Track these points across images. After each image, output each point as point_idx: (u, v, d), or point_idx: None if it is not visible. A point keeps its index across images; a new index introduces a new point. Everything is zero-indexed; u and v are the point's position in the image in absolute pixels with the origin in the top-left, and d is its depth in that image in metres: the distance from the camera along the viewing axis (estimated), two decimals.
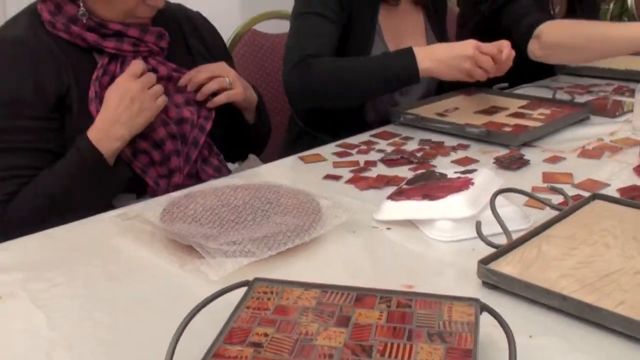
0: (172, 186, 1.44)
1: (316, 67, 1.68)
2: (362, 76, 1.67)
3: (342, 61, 1.70)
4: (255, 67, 2.18)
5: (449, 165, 1.43)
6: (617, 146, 1.50)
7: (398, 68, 1.65)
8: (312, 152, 1.53)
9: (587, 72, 2.12)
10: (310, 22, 1.76)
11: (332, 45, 1.76)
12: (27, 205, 1.32)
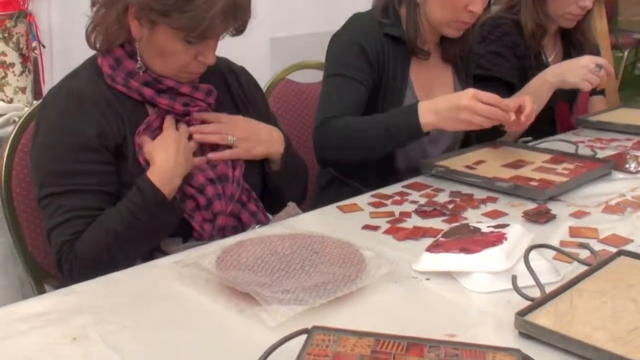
0: (217, 229, 1.54)
1: (333, 129, 1.80)
2: (371, 136, 1.78)
3: (355, 121, 1.81)
4: (289, 114, 2.29)
5: (480, 217, 1.51)
6: (639, 202, 1.58)
7: (402, 124, 1.74)
8: (349, 202, 1.62)
9: (607, 127, 2.22)
10: (337, 84, 1.87)
11: (357, 106, 1.86)
12: (93, 243, 1.41)
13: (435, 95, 1.96)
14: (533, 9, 2.23)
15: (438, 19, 1.86)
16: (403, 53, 1.91)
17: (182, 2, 1.41)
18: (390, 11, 1.91)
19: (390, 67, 1.89)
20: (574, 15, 2.23)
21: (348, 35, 1.92)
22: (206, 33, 1.45)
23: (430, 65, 1.99)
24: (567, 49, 2.40)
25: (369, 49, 1.86)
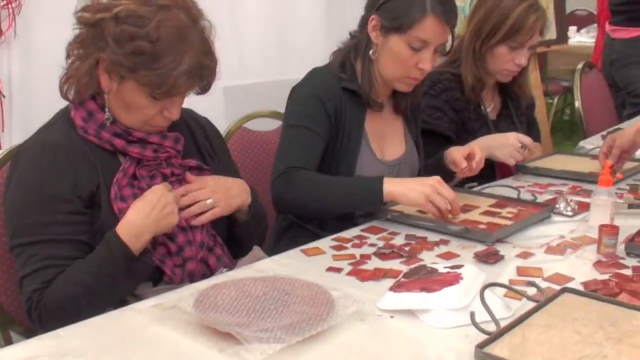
0: (186, 274, 1.61)
1: (296, 181, 1.90)
2: (334, 195, 1.89)
3: (320, 178, 1.92)
4: (246, 162, 2.38)
5: (435, 258, 1.63)
6: (577, 243, 1.73)
7: (365, 189, 1.86)
8: (312, 246, 1.72)
9: (544, 173, 2.38)
10: (297, 134, 1.98)
11: (316, 156, 1.97)
12: (61, 293, 1.47)
13: (387, 146, 2.11)
14: (473, 64, 2.39)
15: (390, 75, 2.00)
16: (359, 105, 2.03)
17: (150, 60, 1.50)
18: (347, 66, 2.04)
19: (347, 119, 2.01)
20: (510, 71, 2.41)
21: (308, 88, 2.03)
22: (171, 91, 1.54)
23: (383, 117, 2.12)
24: (504, 100, 2.57)
25: (328, 101, 1.98)
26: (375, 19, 1.96)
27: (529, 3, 2.34)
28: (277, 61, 3.11)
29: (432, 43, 1.93)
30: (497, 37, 2.34)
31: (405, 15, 1.90)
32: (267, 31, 3.07)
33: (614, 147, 2.24)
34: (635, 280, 1.50)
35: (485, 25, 2.35)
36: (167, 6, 1.54)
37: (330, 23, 3.21)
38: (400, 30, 1.92)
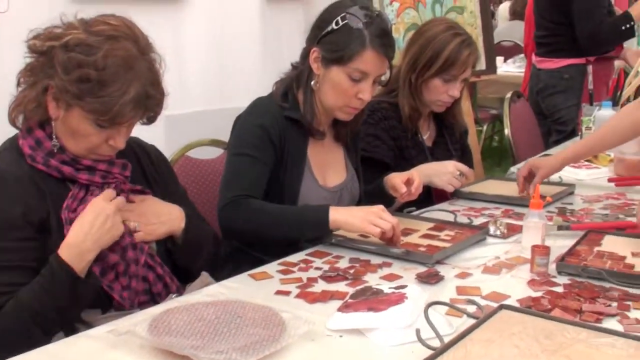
0: (134, 294, 1.63)
1: (243, 210, 1.95)
2: (282, 224, 1.95)
3: (267, 207, 1.98)
4: (190, 189, 2.41)
5: (379, 280, 1.70)
6: (512, 263, 1.83)
7: (313, 218, 1.93)
8: (259, 270, 1.77)
9: (478, 197, 2.48)
10: (243, 163, 2.03)
11: (261, 184, 2.03)
12: (10, 318, 1.48)
13: (329, 174, 2.19)
14: (409, 95, 2.49)
15: (331, 104, 2.07)
16: (301, 134, 2.10)
17: (96, 88, 1.54)
18: (290, 96, 2.11)
19: (290, 147, 2.07)
20: (444, 102, 2.52)
21: (252, 117, 2.09)
22: (116, 119, 1.57)
23: (325, 145, 2.19)
24: (440, 128, 2.68)
25: (272, 130, 2.04)
26: (317, 51, 2.03)
27: (462, 38, 2.45)
28: (217, 90, 3.15)
29: (371, 74, 2.02)
30: (431, 70, 2.44)
31: (346, 48, 1.98)
32: (207, 61, 3.12)
33: (537, 176, 2.38)
34: (566, 296, 1.59)
35: (421, 58, 2.45)
36: (116, 37, 1.58)
37: (267, 54, 3.28)
38: (341, 62, 2.00)
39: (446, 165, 2.41)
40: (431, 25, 2.52)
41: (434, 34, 2.45)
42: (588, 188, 2.62)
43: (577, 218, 2.25)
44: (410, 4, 3.53)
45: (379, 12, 2.09)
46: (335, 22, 1.99)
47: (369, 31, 1.98)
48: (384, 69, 2.05)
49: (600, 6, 3.64)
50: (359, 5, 2.03)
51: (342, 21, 1.99)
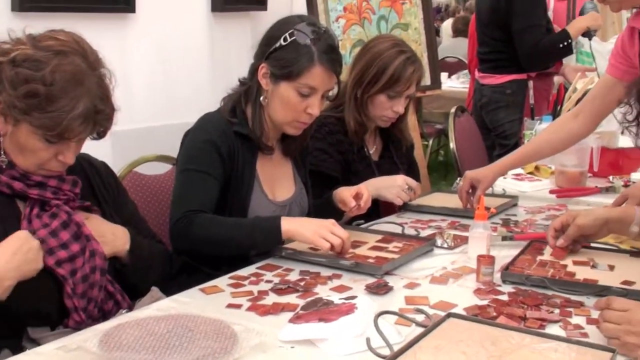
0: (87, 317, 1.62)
1: (195, 225, 1.96)
2: (234, 237, 1.96)
3: (219, 220, 1.99)
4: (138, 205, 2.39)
5: (329, 292, 1.72)
6: (458, 273, 1.87)
7: (266, 230, 1.95)
8: (210, 285, 1.77)
9: (425, 210, 2.53)
10: (193, 178, 2.04)
11: (212, 199, 2.04)
12: None
13: (278, 188, 2.21)
14: (355, 110, 2.53)
15: (280, 119, 2.09)
16: (250, 149, 2.12)
17: (44, 103, 1.53)
18: (238, 111, 2.12)
19: (239, 162, 2.09)
20: (389, 118, 2.57)
21: (201, 132, 2.09)
22: (65, 134, 1.56)
23: (274, 160, 2.21)
24: (386, 143, 2.73)
25: (222, 145, 2.05)
26: (265, 67, 2.05)
27: (407, 56, 2.50)
28: (165, 106, 3.14)
29: (319, 89, 2.05)
30: (377, 86, 2.48)
31: (295, 64, 2.01)
32: (154, 76, 3.11)
33: (479, 189, 2.44)
34: (511, 304, 1.64)
35: (366, 74, 2.50)
36: (64, 52, 1.57)
37: (215, 69, 3.28)
38: (290, 78, 2.03)
39: (395, 179, 2.45)
40: (377, 42, 2.57)
41: (379, 51, 2.50)
42: (531, 200, 2.69)
43: (520, 229, 2.31)
44: (356, 20, 3.59)
45: (326, 28, 2.13)
46: (283, 39, 2.02)
47: (317, 47, 2.01)
48: (332, 84, 2.09)
49: (538, 24, 3.75)
50: (307, 22, 2.06)
51: (290, 37, 2.02)
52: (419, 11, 3.86)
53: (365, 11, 3.62)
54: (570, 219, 1.90)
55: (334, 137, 2.53)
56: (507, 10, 3.75)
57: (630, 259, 1.94)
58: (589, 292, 1.69)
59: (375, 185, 2.40)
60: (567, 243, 1.91)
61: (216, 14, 3.24)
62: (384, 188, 2.42)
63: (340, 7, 3.52)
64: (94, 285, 1.63)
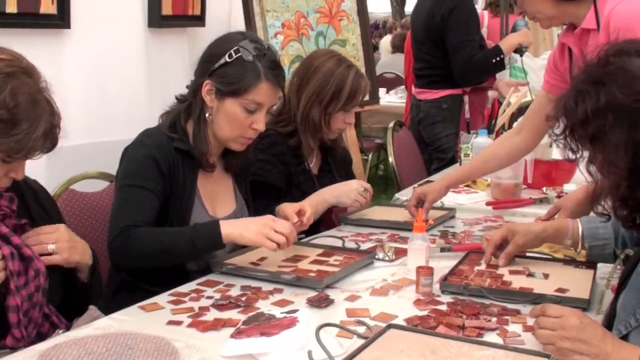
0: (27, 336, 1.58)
1: (134, 238, 1.93)
2: (175, 245, 1.95)
3: (158, 231, 1.97)
4: (75, 223, 2.35)
5: (270, 306, 1.72)
6: (398, 285, 1.89)
7: (206, 237, 1.94)
8: (149, 302, 1.75)
9: (365, 223, 2.55)
10: (132, 194, 2.02)
11: (152, 214, 2.02)
12: None
13: (219, 204, 2.20)
14: (314, 130, 2.58)
15: (226, 135, 2.09)
16: (190, 165, 2.10)
17: (8, 128, 1.52)
18: (178, 128, 2.11)
19: (180, 178, 2.07)
20: (342, 130, 2.65)
21: (141, 147, 2.07)
22: (28, 155, 1.57)
23: (214, 176, 2.20)
24: (325, 157, 2.76)
25: (162, 160, 2.03)
26: (210, 84, 2.05)
27: (355, 70, 2.59)
28: (101, 122, 3.09)
29: (265, 105, 2.07)
30: (338, 105, 2.55)
31: (241, 80, 2.02)
32: (90, 93, 3.06)
33: (427, 202, 2.48)
34: (450, 314, 1.66)
35: (323, 94, 2.54)
36: (13, 73, 1.56)
37: (152, 85, 3.25)
38: (236, 94, 2.03)
39: (350, 183, 2.52)
40: (322, 60, 2.60)
41: (330, 70, 2.56)
42: (468, 212, 2.74)
43: (458, 240, 2.36)
44: (294, 37, 3.61)
45: (268, 44, 2.14)
46: (228, 55, 2.02)
47: (262, 63, 2.03)
48: (277, 98, 2.12)
49: (472, 40, 3.84)
50: (249, 39, 2.07)
51: (235, 54, 2.02)
52: (356, 27, 3.91)
53: (303, 27, 3.65)
54: (510, 235, 1.96)
55: (277, 149, 2.56)
56: (441, 26, 3.83)
57: (563, 267, 1.99)
58: (524, 300, 1.73)
59: (334, 193, 2.48)
60: (508, 262, 1.96)
61: (153, 30, 3.21)
62: (342, 194, 2.48)
63: (279, 23, 3.54)
64: (35, 305, 1.59)
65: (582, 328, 1.39)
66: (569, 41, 2.30)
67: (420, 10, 4.09)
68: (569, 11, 2.22)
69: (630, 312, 1.41)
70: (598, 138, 1.37)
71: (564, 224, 1.92)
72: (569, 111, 1.40)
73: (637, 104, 1.33)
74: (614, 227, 1.82)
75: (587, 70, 1.42)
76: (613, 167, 1.35)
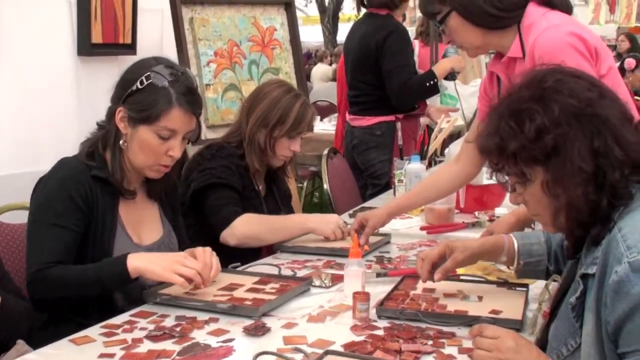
0: None
1: (48, 280, 1.90)
2: (83, 287, 1.92)
3: (68, 272, 1.92)
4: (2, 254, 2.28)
5: (206, 336, 1.69)
6: (335, 311, 1.89)
7: (112, 272, 1.91)
8: (81, 335, 1.70)
9: (301, 250, 2.55)
10: (46, 231, 1.96)
11: (68, 251, 1.96)
12: None
13: (144, 231, 2.16)
14: (260, 152, 2.62)
15: (141, 163, 2.05)
16: (110, 193, 2.06)
17: None
18: (96, 156, 2.06)
19: (99, 208, 2.02)
20: (287, 157, 2.69)
21: (55, 180, 2.02)
22: None
23: (138, 202, 2.15)
24: (269, 183, 2.79)
25: (76, 192, 1.98)
26: (123, 111, 2.01)
27: (303, 99, 2.66)
28: (28, 152, 3.02)
29: (179, 132, 2.03)
30: (283, 129, 2.59)
31: (152, 107, 1.98)
32: (18, 122, 2.99)
33: (367, 227, 2.48)
34: (386, 338, 1.67)
35: (269, 119, 2.58)
36: None
37: (82, 114, 3.19)
38: (148, 121, 1.99)
39: (332, 216, 2.67)
40: (272, 87, 2.68)
41: (278, 96, 2.61)
42: (403, 237, 2.76)
43: (394, 265, 2.37)
44: (227, 65, 3.61)
45: (184, 70, 2.10)
46: (139, 82, 1.99)
47: (175, 89, 1.99)
48: (192, 125, 2.07)
49: (407, 65, 3.90)
50: (164, 64, 2.04)
51: (146, 80, 1.99)
52: (289, 56, 3.93)
53: (236, 56, 3.65)
54: (448, 251, 1.93)
55: (235, 160, 2.61)
56: (376, 53, 3.88)
57: (497, 289, 2.03)
58: (460, 323, 1.75)
59: (314, 220, 2.60)
60: (444, 277, 1.93)
61: (83, 58, 3.16)
62: (323, 223, 2.56)
63: (211, 51, 3.54)
64: None
65: (518, 350, 1.41)
66: (497, 69, 2.36)
67: (353, 37, 4.14)
68: (494, 41, 2.27)
69: (562, 341, 1.43)
70: (557, 150, 1.36)
71: (500, 240, 1.94)
72: (509, 136, 1.39)
73: (589, 109, 1.35)
74: (547, 244, 1.85)
75: (518, 93, 1.43)
76: (576, 176, 1.35)
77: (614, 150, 1.34)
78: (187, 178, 2.58)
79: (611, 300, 1.29)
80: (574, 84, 1.39)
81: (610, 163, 1.34)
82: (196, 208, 2.54)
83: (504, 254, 1.91)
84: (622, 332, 1.28)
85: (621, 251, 1.30)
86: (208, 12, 3.56)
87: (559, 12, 2.20)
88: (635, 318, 1.26)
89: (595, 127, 1.35)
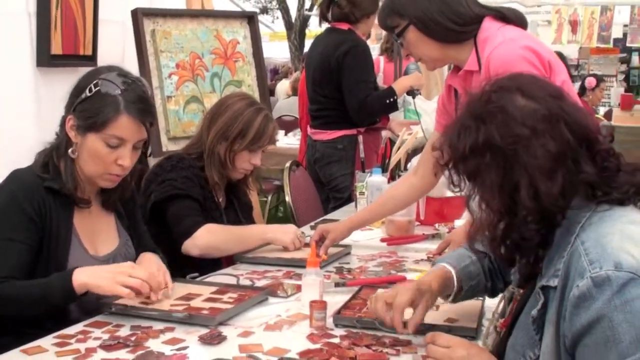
0: None
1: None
2: (30, 306, 1.88)
3: (13, 290, 1.88)
4: None
5: (160, 345, 1.68)
6: (292, 320, 1.89)
7: (57, 288, 1.87)
8: (32, 345, 1.68)
9: (261, 261, 2.54)
10: None
11: (21, 266, 1.93)
12: None
13: (100, 241, 2.13)
14: (220, 165, 2.63)
15: (91, 172, 2.02)
16: (65, 204, 2.03)
17: None
18: (51, 166, 2.03)
19: (53, 220, 1.99)
20: (247, 170, 2.69)
21: (6, 193, 1.99)
22: None
23: (93, 213, 2.12)
24: (229, 196, 2.79)
25: (28, 204, 1.95)
26: (72, 119, 1.99)
27: (265, 113, 2.67)
28: None
29: (129, 140, 1.99)
30: (243, 143, 2.59)
31: (99, 114, 1.95)
32: None
33: (327, 239, 2.51)
34: (342, 346, 1.67)
35: (230, 132, 2.59)
36: None
37: (42, 127, 3.15)
38: (95, 128, 1.96)
39: (289, 225, 2.72)
40: (234, 100, 2.68)
41: (239, 109, 2.62)
42: (363, 248, 2.77)
43: (353, 275, 2.38)
44: (189, 77, 3.60)
45: (137, 78, 2.08)
46: (88, 89, 1.97)
47: (124, 97, 1.96)
48: (143, 134, 2.03)
49: (366, 81, 3.92)
50: (117, 72, 2.02)
51: (95, 88, 1.97)
52: (252, 69, 3.93)
53: (198, 68, 3.64)
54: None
55: (195, 171, 2.60)
56: (337, 68, 3.90)
57: None
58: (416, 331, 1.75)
59: (272, 230, 2.65)
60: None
61: (42, 69, 3.13)
62: (283, 234, 2.60)
63: (173, 63, 3.52)
64: None
65: (469, 359, 1.42)
66: (455, 82, 2.39)
67: (314, 52, 4.16)
68: (451, 54, 2.31)
69: (520, 352, 1.40)
70: (474, 176, 1.36)
71: (446, 270, 1.81)
72: (452, 145, 1.38)
73: (512, 146, 1.31)
74: (480, 262, 1.82)
75: (471, 104, 1.41)
76: (488, 207, 1.35)
77: (523, 195, 1.30)
78: (147, 189, 2.56)
79: (570, 314, 1.26)
80: (518, 111, 1.33)
81: (518, 207, 1.31)
82: (156, 219, 2.52)
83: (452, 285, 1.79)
84: (578, 346, 1.25)
85: (583, 265, 1.26)
86: (170, 25, 3.55)
87: (514, 26, 2.25)
88: (593, 332, 1.23)
89: (509, 167, 1.31)
